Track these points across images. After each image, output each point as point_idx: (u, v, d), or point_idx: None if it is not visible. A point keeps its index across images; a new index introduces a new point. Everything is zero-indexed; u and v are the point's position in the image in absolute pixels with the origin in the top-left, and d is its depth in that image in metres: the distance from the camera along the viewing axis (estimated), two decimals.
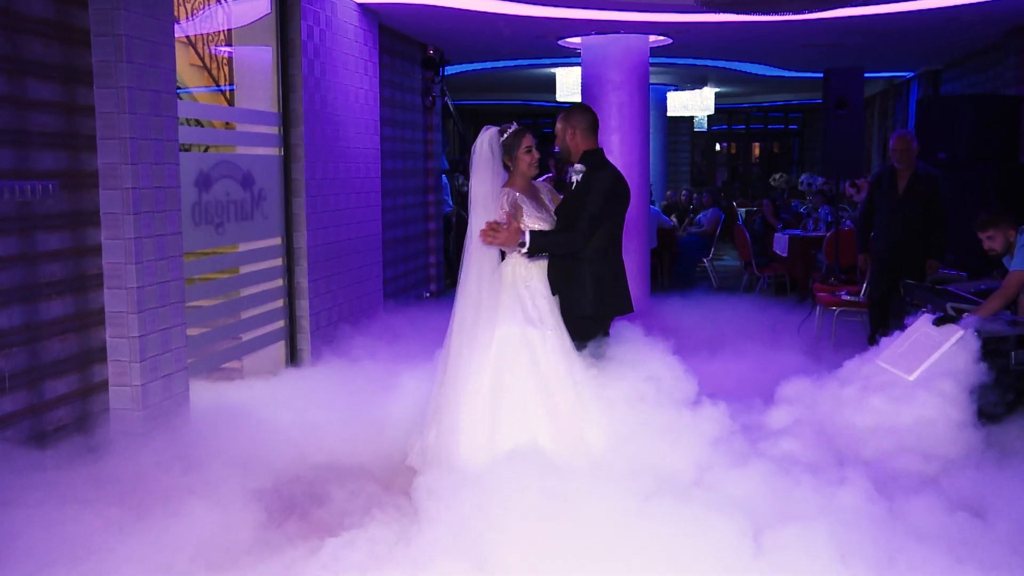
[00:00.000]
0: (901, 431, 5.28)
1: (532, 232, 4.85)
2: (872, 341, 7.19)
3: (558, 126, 5.17)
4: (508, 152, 5.07)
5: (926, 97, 13.65)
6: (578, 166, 5.06)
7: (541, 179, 5.23)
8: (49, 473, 4.35)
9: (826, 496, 4.27)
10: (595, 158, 5.13)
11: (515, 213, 4.94)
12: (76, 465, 4.51)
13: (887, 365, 5.85)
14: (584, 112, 5.19)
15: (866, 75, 11.17)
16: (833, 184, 11.14)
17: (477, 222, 4.89)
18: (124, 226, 5.07)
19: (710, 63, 14.31)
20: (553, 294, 5.02)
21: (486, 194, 4.95)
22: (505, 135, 5.06)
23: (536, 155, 5.10)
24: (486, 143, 5.01)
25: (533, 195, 5.13)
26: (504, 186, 5.05)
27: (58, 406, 4.83)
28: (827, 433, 5.36)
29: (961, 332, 5.61)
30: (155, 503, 4.25)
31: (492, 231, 4.75)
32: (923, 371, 5.57)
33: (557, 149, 5.12)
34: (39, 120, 4.68)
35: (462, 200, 15.33)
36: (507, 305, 4.96)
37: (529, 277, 5.02)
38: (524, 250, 4.86)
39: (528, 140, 5.09)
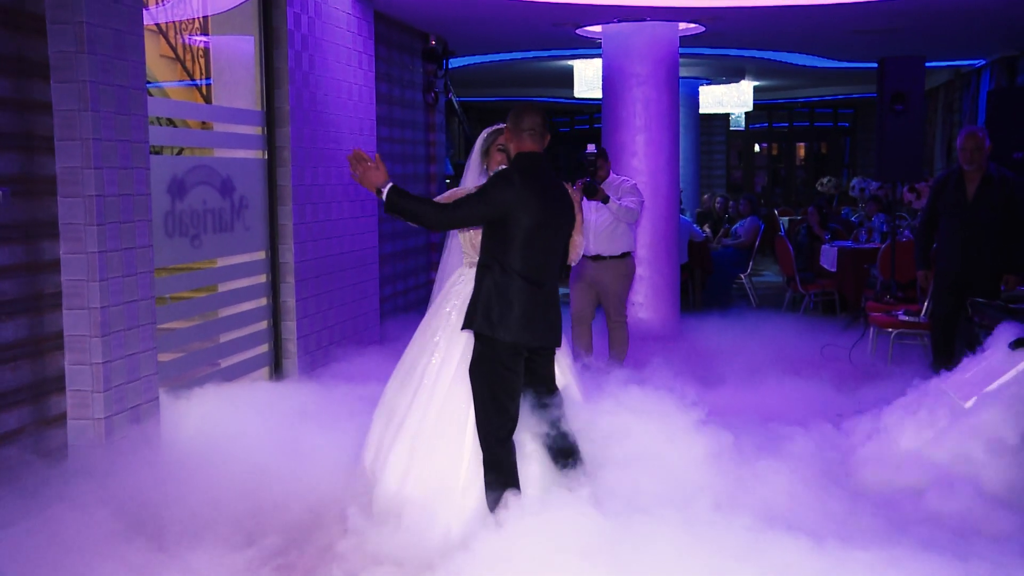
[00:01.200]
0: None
1: (395, 187, 4.74)
2: (936, 368, 7.10)
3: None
4: (485, 152, 5.32)
5: (999, 88, 13.55)
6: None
7: (575, 185, 5.29)
8: None
9: None
10: (525, 162, 4.95)
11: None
12: (18, 516, 4.46)
13: (949, 390, 5.82)
14: (528, 111, 5.01)
15: (928, 64, 11.05)
16: (889, 189, 11.09)
17: None
18: (86, 239, 5.04)
19: (748, 53, 14.29)
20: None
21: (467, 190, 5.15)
22: (485, 133, 5.31)
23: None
24: (477, 143, 5.37)
25: None
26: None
27: (8, 443, 4.78)
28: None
29: None
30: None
31: (356, 159, 4.77)
32: (983, 397, 5.54)
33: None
34: None
35: None
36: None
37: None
38: (382, 198, 4.77)
39: (503, 139, 5.12)
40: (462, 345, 4.96)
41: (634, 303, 10.36)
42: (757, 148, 27.01)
